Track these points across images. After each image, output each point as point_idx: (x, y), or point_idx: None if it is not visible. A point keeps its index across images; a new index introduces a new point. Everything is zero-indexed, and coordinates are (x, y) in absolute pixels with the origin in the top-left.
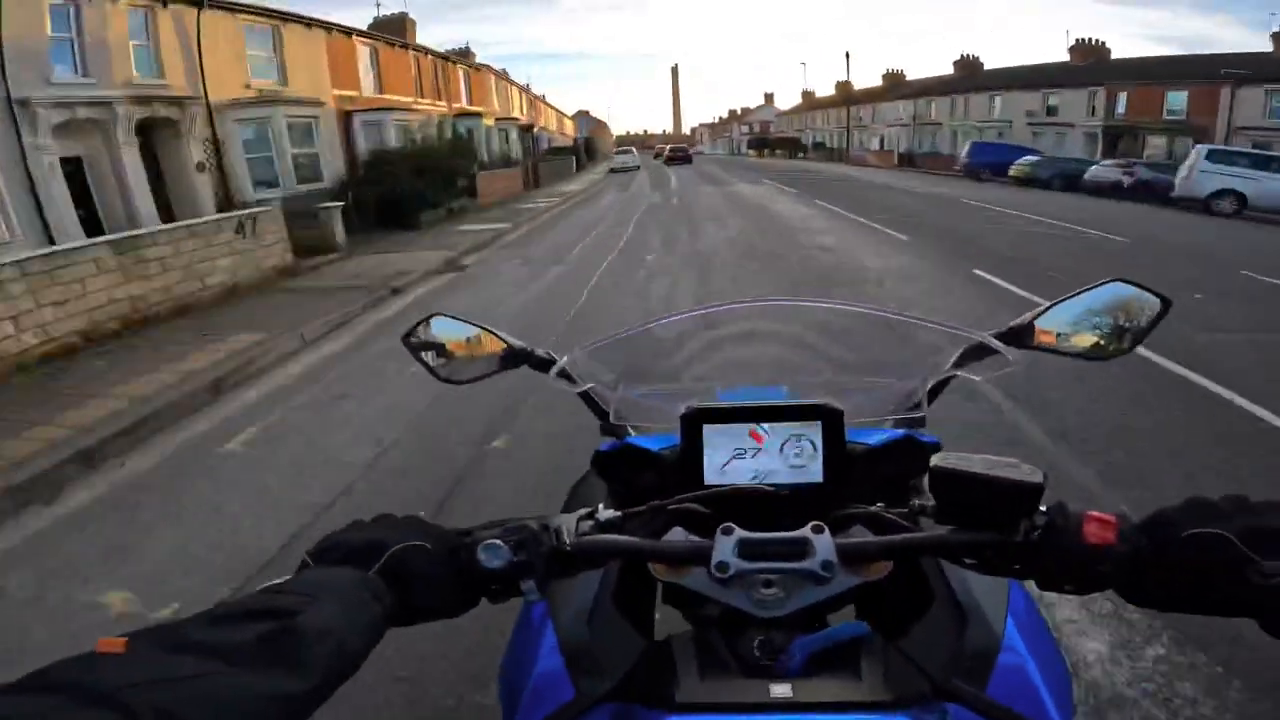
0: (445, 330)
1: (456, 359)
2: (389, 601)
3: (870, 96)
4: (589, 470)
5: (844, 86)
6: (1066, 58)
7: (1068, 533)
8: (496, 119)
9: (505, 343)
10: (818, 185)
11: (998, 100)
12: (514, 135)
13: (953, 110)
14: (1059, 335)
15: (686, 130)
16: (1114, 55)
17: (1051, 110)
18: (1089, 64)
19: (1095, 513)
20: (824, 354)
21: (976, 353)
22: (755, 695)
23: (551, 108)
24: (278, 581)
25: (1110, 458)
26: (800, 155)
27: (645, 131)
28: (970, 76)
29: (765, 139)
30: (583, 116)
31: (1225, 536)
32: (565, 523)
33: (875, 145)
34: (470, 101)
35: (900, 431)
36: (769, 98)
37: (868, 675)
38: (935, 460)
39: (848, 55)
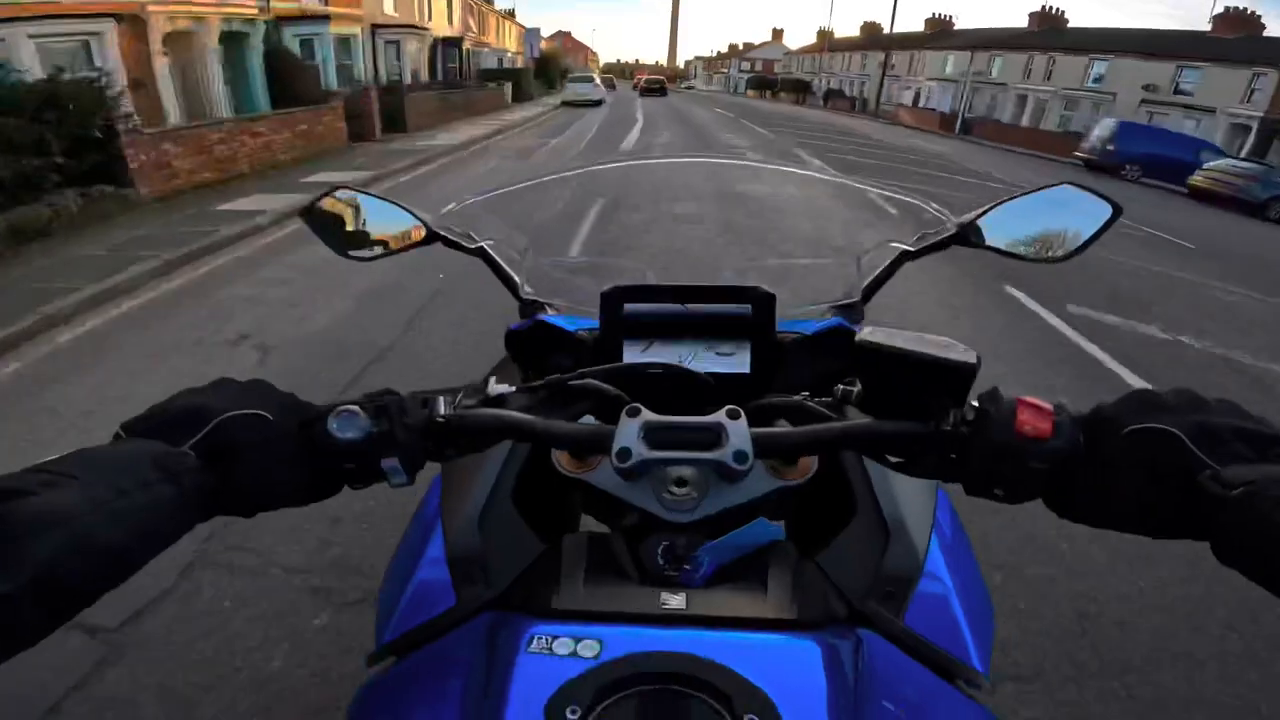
0: (349, 204)
1: (359, 234)
2: (200, 482)
3: (908, 42)
4: (505, 356)
5: (871, 27)
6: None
7: (999, 423)
8: (376, 26)
9: (415, 217)
10: (904, 171)
11: (1099, 66)
12: (411, 50)
13: (1028, 71)
14: (1006, 236)
15: (682, 64)
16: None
17: (1182, 90)
18: (1242, 38)
19: (1030, 399)
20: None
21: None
22: (644, 605)
23: (515, 24)
24: (46, 460)
25: None
26: (819, 104)
27: (637, 61)
28: (1053, 33)
29: (768, 79)
30: (539, 36)
31: (1174, 434)
32: (445, 395)
33: (907, 100)
34: None
35: (834, 320)
36: (777, 34)
37: (774, 588)
38: (861, 335)
39: None
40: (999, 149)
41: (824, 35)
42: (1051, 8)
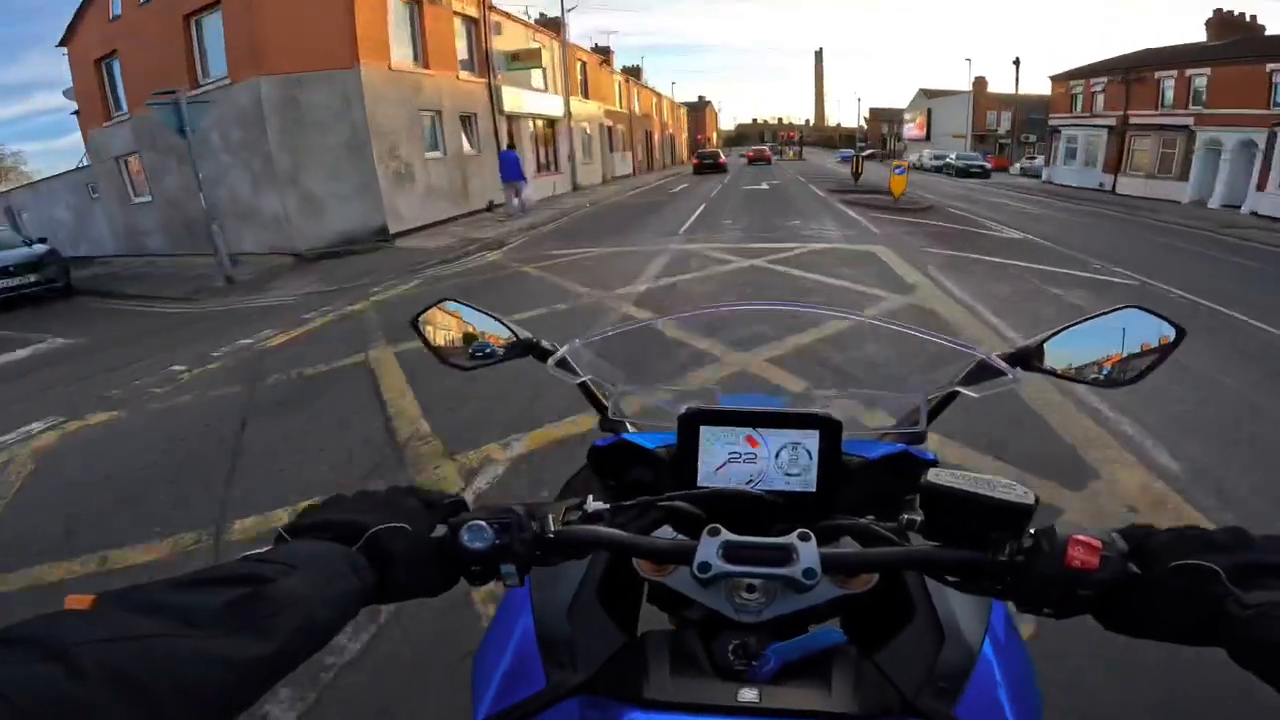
0: (453, 315)
1: (462, 344)
2: (369, 578)
3: None
4: (584, 465)
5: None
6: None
7: (1051, 556)
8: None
9: (511, 331)
10: None
11: None
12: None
13: None
14: (1069, 360)
15: (863, 121)
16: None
17: None
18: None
19: (1081, 536)
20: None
21: (980, 371)
22: (723, 698)
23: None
24: (260, 550)
25: None
26: None
27: (780, 120)
28: None
29: None
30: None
31: (1214, 569)
32: (552, 510)
33: None
34: None
35: (897, 446)
36: None
37: (838, 686)
38: (928, 477)
39: None
40: None
41: None
42: None
